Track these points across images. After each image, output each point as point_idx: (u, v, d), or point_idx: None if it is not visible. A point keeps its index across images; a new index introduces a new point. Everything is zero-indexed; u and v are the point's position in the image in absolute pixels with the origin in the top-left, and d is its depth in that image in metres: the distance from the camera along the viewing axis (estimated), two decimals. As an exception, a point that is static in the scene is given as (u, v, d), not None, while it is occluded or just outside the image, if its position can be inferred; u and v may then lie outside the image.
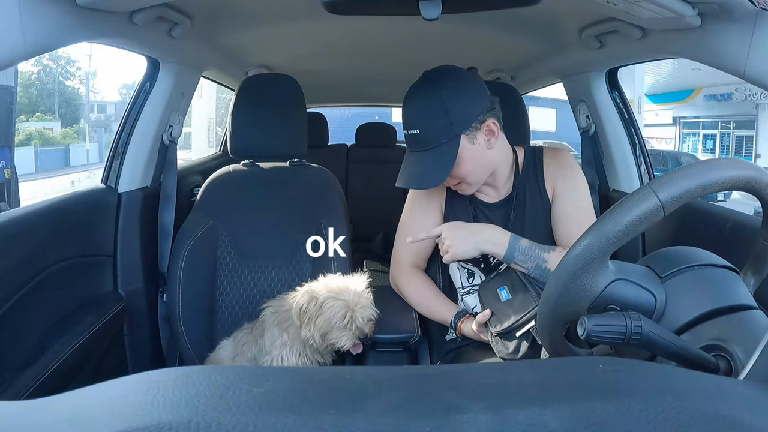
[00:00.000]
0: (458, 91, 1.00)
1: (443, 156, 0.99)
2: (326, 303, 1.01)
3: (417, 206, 1.18)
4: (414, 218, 1.17)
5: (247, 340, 1.14)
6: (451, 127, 0.98)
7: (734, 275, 0.59)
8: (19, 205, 1.85)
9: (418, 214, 1.17)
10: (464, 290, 1.14)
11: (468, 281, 1.13)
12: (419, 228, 1.10)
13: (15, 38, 0.71)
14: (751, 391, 0.34)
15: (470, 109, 1.00)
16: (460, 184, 1.07)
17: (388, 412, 0.29)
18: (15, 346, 0.96)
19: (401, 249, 1.19)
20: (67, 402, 0.30)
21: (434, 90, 1.00)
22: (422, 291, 1.15)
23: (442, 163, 0.99)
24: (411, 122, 1.01)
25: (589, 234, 0.55)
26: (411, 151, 1.03)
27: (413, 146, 1.02)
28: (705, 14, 0.85)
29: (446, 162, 0.99)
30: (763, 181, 0.55)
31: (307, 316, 1.02)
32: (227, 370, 0.34)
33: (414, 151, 1.02)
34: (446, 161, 0.99)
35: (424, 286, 1.16)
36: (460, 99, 0.99)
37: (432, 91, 1.00)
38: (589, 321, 0.51)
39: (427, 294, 1.14)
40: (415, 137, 1.01)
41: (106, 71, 8.67)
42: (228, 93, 2.14)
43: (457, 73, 1.02)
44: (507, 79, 1.98)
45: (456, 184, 1.07)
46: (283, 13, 1.33)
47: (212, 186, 1.36)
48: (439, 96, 0.98)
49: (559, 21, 1.26)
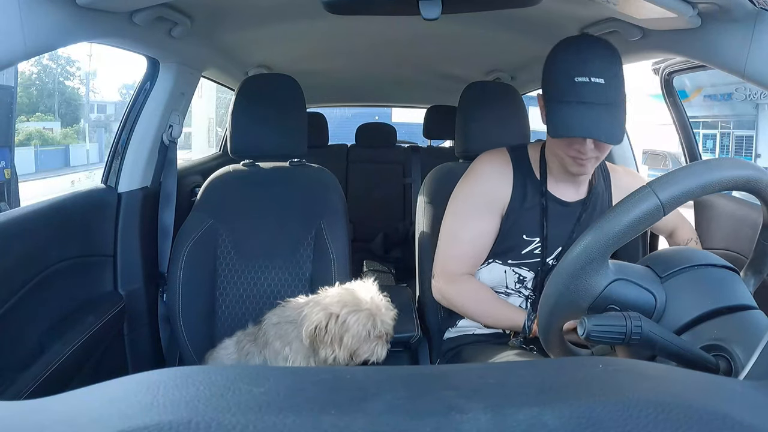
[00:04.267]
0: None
1: (621, 115, 0.90)
2: (350, 318, 0.93)
3: (470, 208, 1.07)
4: (467, 222, 1.07)
5: (251, 350, 1.09)
6: (624, 89, 0.91)
7: (734, 275, 0.59)
8: (19, 205, 1.85)
9: (472, 218, 1.07)
10: (510, 291, 1.09)
11: (515, 285, 1.08)
12: (477, 233, 1.04)
13: (15, 38, 0.71)
14: (751, 391, 0.34)
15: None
16: (589, 160, 0.96)
17: (388, 412, 0.29)
18: (15, 346, 0.96)
19: (451, 257, 1.08)
20: (67, 402, 0.30)
21: (611, 45, 0.92)
22: (481, 296, 1.06)
23: (620, 122, 0.90)
24: (597, 70, 0.89)
25: (589, 234, 0.55)
26: (584, 103, 0.89)
27: (592, 97, 0.89)
28: (705, 14, 0.85)
29: (623, 122, 0.90)
30: (763, 181, 0.55)
31: (329, 336, 0.94)
32: (227, 370, 0.34)
33: (589, 102, 0.89)
34: (623, 121, 0.90)
35: (482, 290, 1.07)
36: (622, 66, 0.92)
37: (611, 46, 0.92)
38: (589, 321, 0.51)
39: (487, 299, 1.06)
40: (597, 87, 0.88)
41: (106, 71, 8.67)
42: (228, 93, 2.14)
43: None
44: (507, 79, 1.98)
45: (585, 159, 0.96)
46: (283, 13, 1.33)
47: (212, 186, 1.36)
48: (617, 52, 0.92)
49: (559, 21, 1.26)
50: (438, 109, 2.65)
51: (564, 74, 0.91)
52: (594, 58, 0.90)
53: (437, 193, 1.34)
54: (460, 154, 1.41)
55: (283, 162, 1.40)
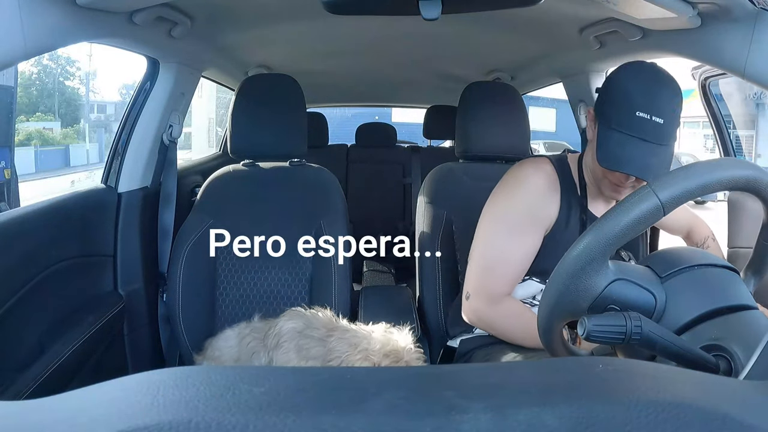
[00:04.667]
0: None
1: (669, 155, 0.91)
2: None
3: (518, 223, 1.02)
4: (514, 239, 1.01)
5: (257, 349, 1.05)
6: (677, 129, 0.92)
7: (734, 275, 0.59)
8: (19, 205, 1.84)
9: (520, 234, 1.02)
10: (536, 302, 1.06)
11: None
12: (525, 252, 1.00)
13: (15, 38, 0.71)
14: (751, 391, 0.34)
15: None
16: (626, 189, 0.97)
17: (388, 412, 0.29)
18: (15, 346, 0.96)
19: (496, 277, 1.02)
20: (67, 402, 0.30)
21: (677, 83, 0.91)
22: (526, 319, 0.99)
23: (668, 162, 0.90)
24: (659, 109, 0.88)
25: (589, 234, 0.55)
26: (639, 139, 0.89)
27: (649, 135, 0.89)
28: (705, 14, 0.86)
29: (670, 161, 0.90)
30: (763, 181, 0.55)
31: None
32: (227, 370, 0.34)
33: (644, 140, 0.89)
34: (670, 161, 0.91)
35: (526, 312, 1.01)
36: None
37: (676, 84, 0.91)
38: (589, 321, 0.51)
39: (530, 320, 1.00)
40: (656, 126, 0.88)
41: (106, 71, 8.65)
42: (228, 93, 2.14)
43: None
44: (507, 79, 1.99)
45: (623, 189, 0.97)
46: (283, 13, 1.33)
47: (212, 186, 1.36)
48: (680, 91, 0.91)
49: (559, 21, 1.26)
50: (438, 109, 2.65)
51: (627, 104, 0.90)
52: (660, 96, 0.90)
53: (437, 193, 1.34)
54: (460, 154, 1.41)
55: (283, 162, 1.40)
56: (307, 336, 0.98)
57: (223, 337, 1.12)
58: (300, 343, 0.98)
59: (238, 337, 1.11)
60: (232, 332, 1.12)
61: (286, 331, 1.01)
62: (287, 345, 0.99)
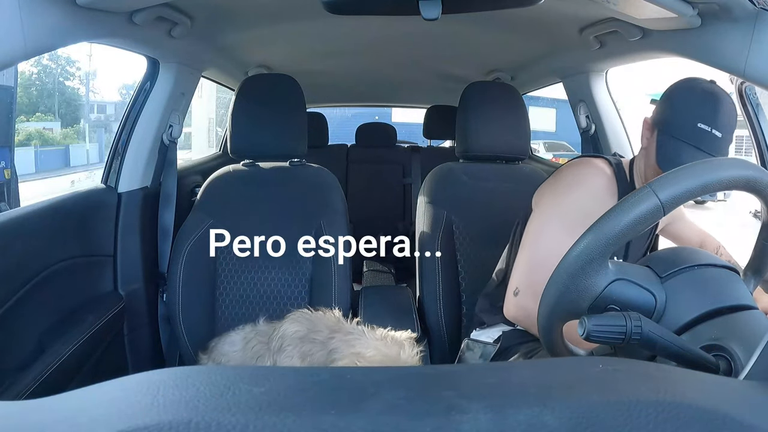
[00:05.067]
0: None
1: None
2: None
3: (568, 225, 0.97)
4: (566, 238, 0.94)
5: (261, 353, 1.04)
6: (729, 146, 0.94)
7: (734, 275, 0.59)
8: (19, 205, 1.85)
9: (571, 234, 0.97)
10: None
11: None
12: None
13: (15, 38, 0.71)
14: (751, 391, 0.34)
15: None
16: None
17: (388, 412, 0.29)
18: (15, 346, 0.96)
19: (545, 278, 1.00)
20: (67, 402, 0.30)
21: (733, 102, 0.96)
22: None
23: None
24: (719, 123, 0.92)
25: (589, 234, 0.55)
26: (697, 148, 0.92)
27: (706, 146, 0.92)
28: (705, 14, 0.86)
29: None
30: (763, 181, 0.55)
31: None
32: (227, 370, 0.34)
33: (701, 149, 0.92)
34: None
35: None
36: None
37: (733, 103, 0.96)
38: (589, 321, 0.51)
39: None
40: (714, 139, 0.92)
41: (106, 71, 8.65)
42: (228, 93, 2.14)
43: None
44: (507, 79, 1.98)
45: None
46: (283, 13, 1.33)
47: (212, 186, 1.36)
48: (735, 109, 0.96)
49: (559, 21, 1.26)
50: (438, 109, 2.65)
51: (689, 115, 0.93)
52: (722, 112, 0.93)
53: (437, 193, 1.34)
54: (460, 154, 1.41)
55: (283, 162, 1.40)
56: (311, 341, 0.97)
57: (229, 341, 1.12)
58: (304, 349, 0.97)
59: (243, 341, 1.10)
60: (238, 336, 1.11)
61: (289, 335, 1.00)
62: (290, 350, 0.98)
